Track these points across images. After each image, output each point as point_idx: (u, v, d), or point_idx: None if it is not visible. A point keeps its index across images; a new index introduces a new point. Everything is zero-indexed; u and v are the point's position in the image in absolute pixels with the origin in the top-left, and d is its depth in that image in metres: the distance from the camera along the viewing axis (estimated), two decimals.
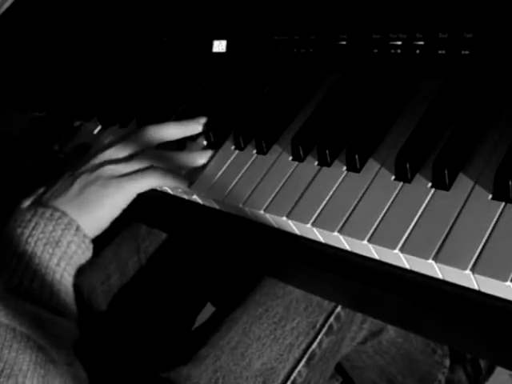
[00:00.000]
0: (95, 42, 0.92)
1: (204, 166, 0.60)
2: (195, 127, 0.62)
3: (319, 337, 0.65)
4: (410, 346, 0.86)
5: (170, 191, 0.63)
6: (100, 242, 0.57)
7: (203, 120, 0.62)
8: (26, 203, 0.56)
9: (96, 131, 0.78)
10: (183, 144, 0.63)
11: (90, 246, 0.55)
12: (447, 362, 0.94)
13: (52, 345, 0.47)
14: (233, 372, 0.62)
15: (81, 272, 0.55)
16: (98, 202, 0.55)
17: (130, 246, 0.83)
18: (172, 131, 0.61)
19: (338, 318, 0.67)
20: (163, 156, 0.59)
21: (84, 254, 0.54)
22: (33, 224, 0.52)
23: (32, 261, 0.50)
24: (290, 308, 0.65)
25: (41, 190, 0.58)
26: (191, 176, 0.59)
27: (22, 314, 0.47)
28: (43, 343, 0.47)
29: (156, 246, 0.84)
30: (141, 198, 0.67)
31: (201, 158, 0.60)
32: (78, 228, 0.53)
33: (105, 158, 0.58)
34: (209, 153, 0.60)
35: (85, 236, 0.54)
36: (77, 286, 0.71)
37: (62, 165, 0.80)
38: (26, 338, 0.46)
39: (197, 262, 0.86)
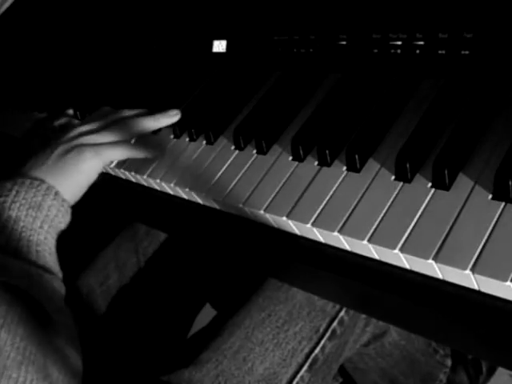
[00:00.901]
0: (95, 42, 0.92)
1: (204, 166, 0.60)
2: (167, 120, 0.66)
3: (322, 341, 0.65)
4: (411, 348, 0.86)
5: (170, 191, 0.63)
6: (99, 243, 0.58)
7: (175, 112, 0.66)
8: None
9: None
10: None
11: (69, 210, 0.58)
12: (449, 362, 0.94)
13: (43, 297, 0.49)
14: (235, 377, 0.61)
15: (79, 273, 0.55)
16: (75, 168, 0.58)
17: (128, 247, 0.83)
18: (147, 121, 0.65)
19: (341, 322, 0.66)
20: (133, 122, 0.65)
21: (64, 217, 0.57)
22: (14, 192, 0.55)
23: (17, 224, 0.53)
24: (293, 313, 0.65)
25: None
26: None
27: (10, 269, 0.49)
28: (34, 295, 0.48)
29: (155, 246, 0.84)
30: (141, 197, 0.67)
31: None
32: (56, 193, 0.56)
33: (82, 130, 0.63)
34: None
35: (63, 200, 0.57)
36: (75, 286, 0.72)
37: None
38: (16, 291, 0.47)
39: (195, 263, 0.86)
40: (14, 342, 0.43)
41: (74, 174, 0.58)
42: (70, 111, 0.83)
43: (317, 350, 0.64)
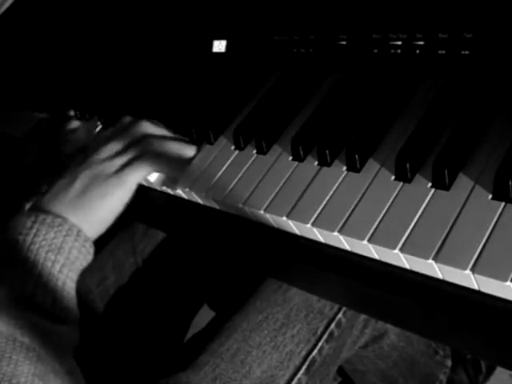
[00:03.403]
0: (95, 41, 0.92)
1: (204, 166, 0.60)
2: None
3: (320, 344, 0.65)
4: (411, 349, 0.86)
5: (169, 191, 0.63)
6: (96, 244, 0.57)
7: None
8: (27, 206, 0.56)
9: (96, 131, 0.78)
10: None
11: (91, 250, 0.55)
12: (449, 363, 0.94)
13: (53, 354, 0.47)
14: (232, 380, 0.61)
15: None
16: (100, 202, 0.55)
17: (126, 248, 0.83)
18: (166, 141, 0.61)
19: (339, 324, 0.66)
20: (155, 143, 0.59)
21: (85, 258, 0.54)
22: (34, 231, 0.51)
23: (34, 268, 0.50)
24: (290, 315, 0.64)
25: (42, 190, 0.58)
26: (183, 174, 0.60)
27: (23, 324, 0.47)
28: (44, 353, 0.46)
29: (152, 247, 0.84)
30: (141, 197, 0.67)
31: (191, 150, 0.60)
32: (78, 233, 0.53)
33: (100, 155, 0.58)
34: (195, 148, 0.61)
35: (86, 240, 0.54)
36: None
37: (63, 165, 0.80)
38: (25, 349, 0.45)
39: (193, 264, 0.86)
40: None
41: (99, 209, 0.54)
42: (72, 112, 0.83)
43: (314, 353, 0.64)
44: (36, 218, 0.52)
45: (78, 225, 0.54)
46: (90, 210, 0.54)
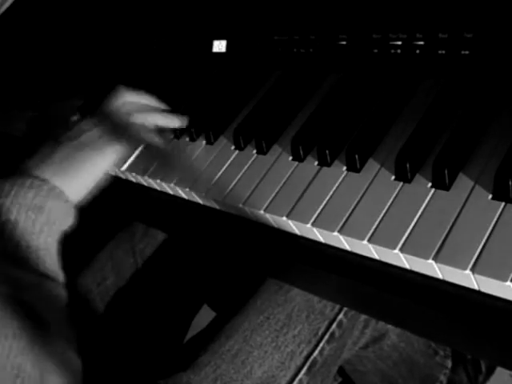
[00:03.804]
0: (95, 41, 0.92)
1: (204, 166, 0.60)
2: (177, 122, 0.64)
3: (321, 344, 0.64)
4: (411, 350, 0.86)
5: (169, 191, 0.63)
6: (96, 244, 0.57)
7: (185, 117, 0.65)
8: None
9: None
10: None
11: (72, 211, 0.56)
12: (449, 363, 0.94)
13: (42, 307, 0.48)
14: (233, 380, 0.61)
15: (77, 273, 0.54)
16: (81, 166, 0.56)
17: (125, 248, 0.83)
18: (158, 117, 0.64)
19: (339, 324, 0.66)
20: (137, 116, 0.62)
21: (67, 219, 0.55)
22: (13, 193, 0.52)
23: (15, 228, 0.51)
24: (291, 315, 0.64)
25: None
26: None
27: (9, 278, 0.48)
28: (34, 305, 0.47)
29: (152, 247, 0.84)
30: (140, 197, 0.67)
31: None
32: (59, 194, 0.54)
33: (85, 126, 0.60)
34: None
35: (67, 201, 0.55)
36: (73, 286, 0.71)
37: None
38: (14, 303, 0.46)
39: (193, 264, 0.86)
40: (8, 357, 0.42)
41: (81, 172, 0.56)
42: (74, 118, 0.83)
43: (315, 353, 0.64)
44: (15, 181, 0.53)
45: (60, 187, 0.54)
46: (71, 173, 0.56)
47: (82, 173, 0.56)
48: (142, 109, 0.64)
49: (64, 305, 0.52)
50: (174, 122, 0.65)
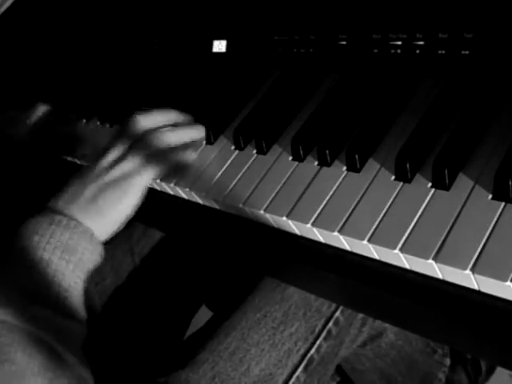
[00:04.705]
0: (95, 42, 0.92)
1: (204, 166, 0.60)
2: (194, 133, 0.61)
3: (318, 342, 0.65)
4: (409, 348, 0.86)
5: (169, 191, 0.63)
6: None
7: (202, 127, 0.62)
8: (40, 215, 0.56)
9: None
10: None
11: (102, 253, 0.56)
12: (447, 362, 0.94)
13: (63, 347, 0.48)
14: (231, 378, 0.61)
15: None
16: (112, 207, 0.56)
17: (124, 248, 0.83)
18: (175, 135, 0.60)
19: (336, 322, 0.66)
20: (156, 141, 0.59)
21: (96, 260, 0.55)
22: (50, 231, 0.52)
23: (49, 267, 0.51)
24: (288, 313, 0.64)
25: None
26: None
27: (36, 319, 0.48)
28: (55, 345, 0.47)
29: (150, 247, 0.84)
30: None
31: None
32: (92, 235, 0.54)
33: (105, 162, 0.58)
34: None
35: (98, 243, 0.55)
36: None
37: (61, 165, 0.80)
38: (38, 342, 0.46)
39: (191, 264, 0.86)
40: None
41: (112, 213, 0.55)
42: (74, 116, 0.83)
43: (312, 351, 0.64)
44: (52, 220, 0.53)
45: (91, 227, 0.55)
46: (101, 215, 0.55)
47: (112, 212, 0.56)
48: (165, 131, 0.60)
49: (81, 342, 0.53)
50: (197, 133, 0.61)
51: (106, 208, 0.55)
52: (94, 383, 0.51)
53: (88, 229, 0.54)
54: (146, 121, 0.60)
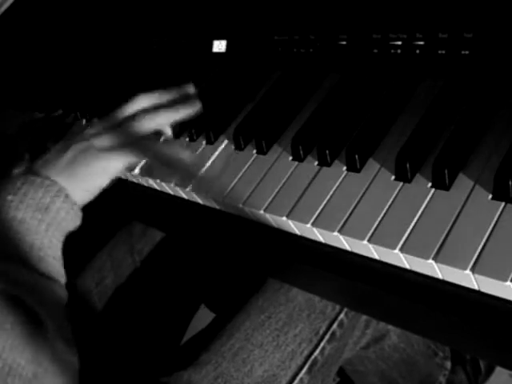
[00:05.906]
0: (95, 42, 0.92)
1: (204, 166, 0.60)
2: (188, 110, 0.59)
3: (322, 344, 0.65)
4: (411, 350, 0.86)
5: (170, 191, 0.63)
6: (95, 243, 0.57)
7: (196, 102, 0.60)
8: (17, 171, 0.57)
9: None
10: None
11: (79, 213, 0.56)
12: (448, 365, 0.94)
13: (41, 307, 0.48)
14: (234, 378, 0.61)
15: (76, 273, 0.54)
16: (89, 172, 0.56)
17: (124, 248, 0.83)
18: (165, 115, 0.59)
19: (341, 324, 0.66)
20: (146, 122, 0.59)
21: (73, 220, 0.55)
22: (23, 191, 0.52)
23: (21, 226, 0.51)
24: (292, 315, 0.64)
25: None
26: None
27: (8, 275, 0.48)
28: (32, 303, 0.47)
29: (150, 247, 0.84)
30: (140, 197, 0.67)
31: (182, 153, 0.58)
32: (67, 195, 0.54)
33: (96, 130, 0.59)
34: (188, 152, 0.58)
35: (74, 203, 0.55)
36: (72, 286, 0.71)
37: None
38: (13, 300, 0.46)
39: (191, 264, 0.86)
40: (1, 354, 0.42)
41: (88, 178, 0.56)
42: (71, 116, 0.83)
43: (316, 353, 0.64)
44: (25, 179, 0.53)
45: (67, 189, 0.55)
46: (78, 177, 0.56)
47: (89, 177, 0.56)
48: (155, 111, 0.60)
49: (63, 304, 0.52)
50: (187, 111, 0.60)
51: (80, 174, 0.56)
52: (74, 339, 0.50)
53: (63, 188, 0.54)
54: (141, 100, 0.61)
